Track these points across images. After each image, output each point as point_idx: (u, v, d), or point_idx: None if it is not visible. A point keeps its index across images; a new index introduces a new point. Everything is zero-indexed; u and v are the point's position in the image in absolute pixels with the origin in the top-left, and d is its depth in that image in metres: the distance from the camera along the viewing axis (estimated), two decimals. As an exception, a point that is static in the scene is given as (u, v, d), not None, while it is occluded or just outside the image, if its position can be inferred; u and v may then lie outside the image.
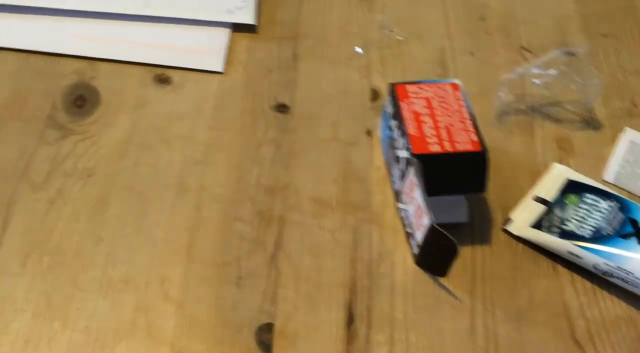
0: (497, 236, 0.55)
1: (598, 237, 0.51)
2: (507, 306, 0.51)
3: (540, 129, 0.63)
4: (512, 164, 0.60)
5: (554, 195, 0.56)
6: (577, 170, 0.60)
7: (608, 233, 0.51)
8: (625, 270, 0.49)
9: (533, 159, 0.61)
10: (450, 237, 0.48)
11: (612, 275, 0.50)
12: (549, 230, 0.53)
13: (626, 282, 0.50)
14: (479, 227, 0.56)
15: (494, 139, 0.62)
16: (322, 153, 0.60)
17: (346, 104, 0.64)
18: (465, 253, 0.54)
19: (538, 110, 0.65)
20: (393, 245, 0.54)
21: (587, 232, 0.52)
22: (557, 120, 0.64)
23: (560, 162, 0.60)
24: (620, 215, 0.52)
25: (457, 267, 0.53)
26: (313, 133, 0.62)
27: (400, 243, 0.54)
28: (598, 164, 0.61)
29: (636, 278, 0.49)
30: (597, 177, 0.59)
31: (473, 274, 0.52)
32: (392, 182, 0.57)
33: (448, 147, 0.53)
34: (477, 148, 0.53)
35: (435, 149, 0.53)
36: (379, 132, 0.61)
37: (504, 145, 0.62)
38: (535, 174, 0.59)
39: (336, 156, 0.60)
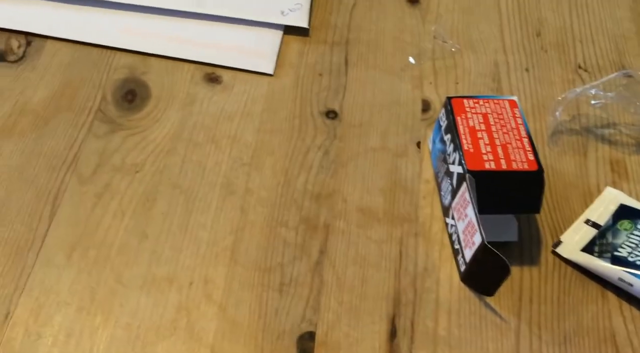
0: (546, 258, 0.54)
1: (651, 265, 0.50)
2: (553, 329, 0.50)
3: (594, 151, 0.62)
4: (564, 185, 0.59)
5: (606, 220, 0.55)
6: (630, 195, 0.59)
7: (662, 263, 0.50)
8: (679, 301, 0.48)
9: (586, 181, 0.60)
10: (502, 256, 0.47)
11: (664, 306, 0.49)
12: (600, 255, 0.52)
13: (679, 313, 0.49)
14: (528, 247, 0.55)
15: (546, 158, 0.61)
16: (370, 162, 0.60)
17: (396, 114, 0.63)
18: (513, 273, 0.53)
19: (593, 132, 0.64)
20: (439, 261, 0.53)
21: (639, 259, 0.51)
22: (611, 143, 0.63)
23: (614, 185, 0.59)
24: (676, 245, 0.51)
25: (504, 287, 0.52)
26: (362, 141, 0.61)
27: (446, 259, 0.54)
28: (652, 189, 0.60)
29: (691, 310, 0.48)
30: (652, 203, 0.58)
31: (520, 295, 0.52)
32: (441, 196, 0.57)
33: (503, 165, 0.52)
34: (534, 167, 0.52)
35: (490, 166, 0.52)
36: (429, 145, 0.60)
37: (557, 165, 0.61)
38: (587, 196, 0.58)
39: (384, 166, 0.60)
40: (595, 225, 0.56)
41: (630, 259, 0.51)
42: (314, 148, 0.60)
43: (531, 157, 0.53)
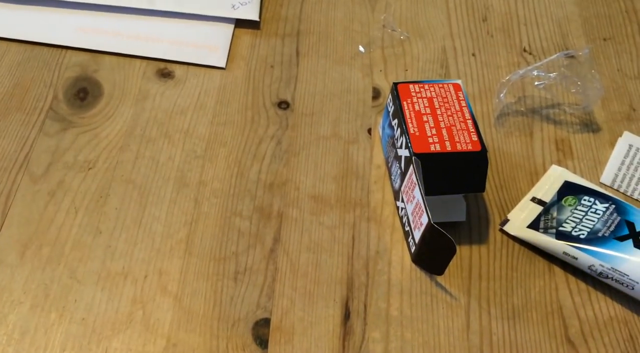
0: (494, 236, 0.55)
1: (594, 238, 0.51)
2: (502, 305, 0.50)
3: (540, 131, 0.63)
4: (510, 165, 0.60)
5: (551, 197, 0.56)
6: (575, 172, 0.60)
7: (604, 235, 0.51)
8: (620, 271, 0.49)
9: (532, 160, 0.60)
10: (449, 236, 0.48)
11: (607, 277, 0.50)
12: (545, 231, 0.53)
13: (621, 283, 0.50)
14: (476, 226, 0.55)
15: (493, 139, 0.62)
16: (322, 150, 0.60)
17: (347, 102, 0.64)
18: (462, 252, 0.54)
19: (538, 112, 0.64)
20: (391, 243, 0.54)
21: (583, 233, 0.52)
22: (556, 122, 0.64)
23: (559, 163, 0.60)
24: (617, 218, 0.52)
25: (454, 265, 0.52)
26: (313, 130, 0.61)
27: (397, 241, 0.54)
28: (596, 166, 0.61)
29: (631, 280, 0.49)
30: (595, 179, 0.59)
31: (469, 273, 0.52)
32: (392, 181, 0.57)
33: (448, 147, 0.53)
34: (478, 148, 0.53)
35: (435, 148, 0.53)
36: (380, 131, 0.61)
37: (503, 146, 0.61)
38: (534, 175, 0.59)
39: (336, 153, 0.60)
40: (540, 202, 0.56)
41: (574, 233, 0.52)
42: (266, 138, 0.60)
43: (475, 138, 0.53)
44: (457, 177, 0.53)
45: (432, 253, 0.51)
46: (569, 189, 0.56)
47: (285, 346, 0.47)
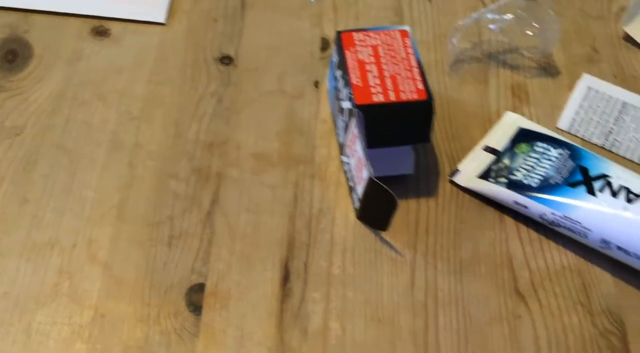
0: (444, 188, 0.52)
1: (546, 186, 0.49)
2: (449, 258, 0.48)
3: (495, 77, 0.60)
4: (464, 114, 0.57)
5: (504, 145, 0.54)
6: (531, 119, 0.57)
7: (556, 182, 0.49)
8: (572, 219, 0.47)
9: (486, 108, 0.58)
10: (389, 190, 0.45)
11: (559, 225, 0.48)
12: (496, 181, 0.51)
13: (573, 231, 0.47)
14: (425, 179, 0.53)
15: (446, 88, 0.59)
16: (266, 106, 0.57)
17: (294, 55, 0.61)
18: (410, 206, 0.51)
19: (494, 58, 0.62)
20: (335, 200, 0.51)
21: (534, 181, 0.50)
22: (513, 68, 0.61)
23: (515, 110, 0.58)
24: (570, 163, 0.50)
25: (401, 220, 0.50)
26: (258, 86, 0.59)
27: (342, 198, 0.52)
28: (553, 111, 0.58)
29: (583, 227, 0.47)
30: (552, 125, 0.57)
31: (416, 227, 0.50)
32: (337, 135, 0.54)
33: (392, 97, 0.50)
34: (422, 97, 0.50)
35: (378, 98, 0.50)
36: (327, 83, 0.58)
37: (457, 94, 0.59)
38: (488, 123, 0.57)
39: (281, 109, 0.57)
40: (493, 151, 0.54)
41: (525, 182, 0.50)
42: (206, 96, 0.57)
43: (420, 86, 0.51)
44: (401, 128, 0.50)
45: (375, 209, 0.48)
46: (523, 136, 0.54)
47: (220, 311, 0.45)
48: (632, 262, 0.45)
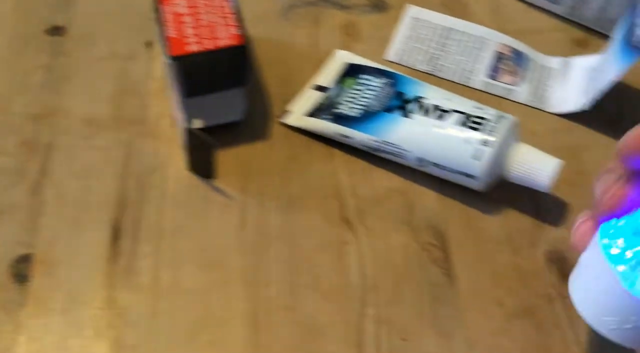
0: (276, 130, 0.53)
1: (367, 115, 0.50)
2: (279, 196, 0.49)
3: (327, 18, 0.61)
4: (296, 57, 0.58)
5: (333, 81, 0.54)
6: (362, 55, 0.58)
7: (376, 110, 0.50)
8: (390, 143, 0.48)
9: (318, 49, 0.58)
10: (206, 136, 0.46)
11: (380, 150, 0.49)
12: (322, 117, 0.51)
13: (394, 154, 0.48)
14: (257, 123, 0.53)
15: (279, 34, 0.59)
16: (97, 72, 0.56)
17: (127, 18, 0.60)
18: (242, 151, 0.52)
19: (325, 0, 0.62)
20: (168, 156, 0.51)
21: (357, 112, 0.50)
22: (344, 7, 0.61)
23: (346, 48, 0.58)
24: (390, 91, 0.51)
25: (232, 166, 0.50)
26: (89, 53, 0.58)
27: (175, 153, 0.51)
28: (383, 45, 0.59)
29: (401, 149, 0.48)
30: (380, 58, 0.58)
31: (248, 171, 0.50)
32: (169, 92, 0.54)
33: (208, 45, 0.50)
34: (237, 41, 0.50)
35: (193, 48, 0.50)
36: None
37: (289, 39, 0.59)
38: (320, 64, 0.57)
39: (113, 73, 0.56)
40: (321, 88, 0.55)
41: (349, 114, 0.51)
42: (35, 69, 0.56)
43: (236, 32, 0.50)
44: (218, 75, 0.50)
45: (199, 158, 0.49)
46: (350, 71, 0.55)
47: (48, 279, 0.45)
48: (448, 175, 0.47)
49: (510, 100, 0.54)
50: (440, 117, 0.47)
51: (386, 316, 0.43)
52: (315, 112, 0.52)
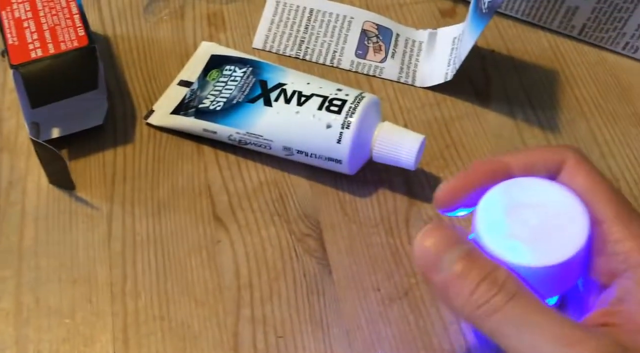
0: (141, 132, 0.50)
1: (229, 107, 0.48)
2: (147, 202, 0.46)
3: (191, 10, 0.58)
4: (160, 53, 0.55)
5: (197, 76, 0.52)
6: (229, 45, 0.56)
7: (238, 101, 0.48)
8: (254, 134, 0.46)
9: (183, 43, 0.56)
10: (50, 147, 0.43)
11: (246, 143, 0.47)
12: (186, 113, 0.49)
13: (260, 146, 0.47)
14: (121, 126, 0.51)
15: (141, 29, 0.56)
16: (-55, 87, 0.52)
17: None
18: (107, 157, 0.49)
19: (188, -10, 0.59)
20: (26, 169, 0.48)
21: (220, 105, 0.48)
22: (208, -3, 0.59)
23: (211, 39, 0.56)
24: (252, 80, 0.49)
25: (97, 174, 0.48)
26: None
27: (34, 166, 0.48)
28: (249, 33, 0.57)
29: (266, 140, 0.46)
30: (248, 47, 0.55)
31: (113, 178, 0.48)
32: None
33: (51, 49, 0.47)
34: (84, 43, 0.47)
35: (36, 54, 0.46)
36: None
37: (153, 34, 0.56)
38: (185, 58, 0.55)
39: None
40: (187, 83, 0.52)
41: (211, 108, 0.48)
42: None
43: (82, 33, 0.48)
44: (65, 80, 0.47)
45: (53, 169, 0.46)
46: (215, 63, 0.52)
47: None
48: (314, 162, 0.45)
49: (380, 78, 0.53)
50: (300, 103, 0.46)
51: (261, 315, 0.41)
52: (179, 109, 0.50)
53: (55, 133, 0.50)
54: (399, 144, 0.44)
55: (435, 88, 0.53)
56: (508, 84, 0.53)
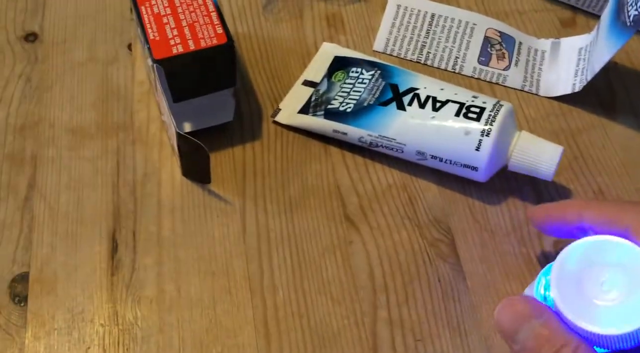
0: (268, 130, 0.51)
1: (360, 109, 0.48)
2: (278, 198, 0.47)
3: (310, 10, 0.58)
4: (282, 52, 0.55)
5: (322, 76, 0.52)
6: (348, 46, 0.56)
7: (369, 104, 0.48)
8: (387, 137, 0.46)
9: (303, 43, 0.56)
10: (197, 141, 0.43)
11: (377, 145, 0.47)
12: (314, 113, 0.50)
13: (391, 149, 0.47)
14: (248, 123, 0.51)
15: (262, 28, 0.57)
16: (78, 78, 0.54)
17: (103, 20, 0.57)
18: (236, 153, 0.49)
19: (306, -9, 0.60)
20: (159, 161, 0.49)
21: (349, 106, 0.49)
22: (326, -2, 0.59)
23: (331, 40, 0.56)
24: (382, 83, 0.49)
25: (227, 169, 0.48)
26: (68, 58, 0.55)
27: (166, 158, 0.49)
28: (369, 35, 0.57)
29: (398, 143, 0.46)
30: (368, 49, 0.56)
31: (243, 174, 0.48)
32: (156, 95, 0.52)
33: (192, 46, 0.47)
34: (223, 40, 0.48)
35: (177, 50, 0.47)
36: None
37: (273, 34, 0.57)
38: (306, 58, 0.55)
39: (94, 78, 0.54)
40: (311, 83, 0.53)
41: (341, 109, 0.49)
42: (13, 78, 0.53)
43: (220, 30, 0.48)
44: (205, 77, 0.48)
45: (193, 163, 0.46)
46: (339, 64, 0.53)
47: (48, 297, 0.42)
48: (448, 168, 0.45)
49: (503, 85, 0.53)
50: (436, 109, 0.46)
51: (398, 317, 0.41)
52: (306, 109, 0.50)
53: (187, 128, 0.50)
54: (538, 154, 0.43)
55: (558, 98, 0.52)
56: (633, 95, 0.52)
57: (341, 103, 0.49)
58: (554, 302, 0.33)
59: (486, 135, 0.44)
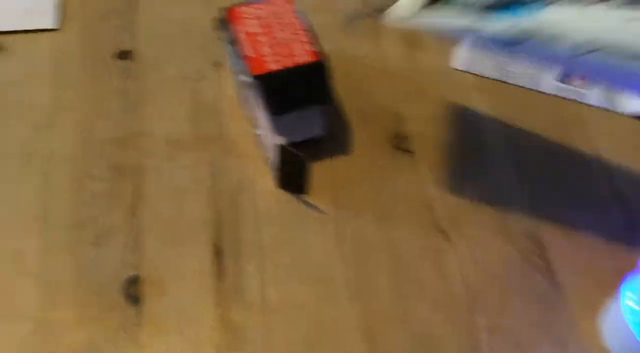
0: (358, 142, 0.52)
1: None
2: (371, 206, 0.48)
3: (386, 29, 0.60)
4: (364, 69, 0.57)
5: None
6: (428, 66, 0.57)
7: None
8: (539, 28, 0.36)
9: (384, 61, 0.58)
10: (298, 152, 0.45)
11: (520, 43, 0.37)
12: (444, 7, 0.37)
13: (541, 45, 0.36)
14: (338, 136, 0.53)
15: (343, 47, 0.58)
16: (171, 93, 0.56)
17: (191, 38, 0.59)
18: (327, 164, 0.51)
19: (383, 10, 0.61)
20: (253, 172, 0.51)
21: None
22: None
23: (410, 60, 0.57)
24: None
25: (320, 180, 0.50)
26: (159, 75, 0.57)
27: (259, 170, 0.51)
28: (447, 53, 0.58)
29: (553, 36, 0.36)
30: (447, 67, 0.57)
31: (335, 183, 0.50)
32: (246, 109, 0.53)
33: (287, 63, 0.49)
34: (315, 58, 0.49)
35: (273, 66, 0.49)
36: (230, 61, 0.57)
37: (354, 51, 0.58)
38: (387, 77, 0.56)
39: (186, 93, 0.56)
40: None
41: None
42: (111, 93, 0.55)
43: (311, 48, 0.50)
44: (300, 92, 0.49)
45: (290, 174, 0.48)
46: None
47: (160, 298, 0.44)
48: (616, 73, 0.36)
49: (582, 103, 0.54)
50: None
51: (497, 325, 0.42)
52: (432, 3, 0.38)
53: (281, 141, 0.52)
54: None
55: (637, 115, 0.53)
56: None
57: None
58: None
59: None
